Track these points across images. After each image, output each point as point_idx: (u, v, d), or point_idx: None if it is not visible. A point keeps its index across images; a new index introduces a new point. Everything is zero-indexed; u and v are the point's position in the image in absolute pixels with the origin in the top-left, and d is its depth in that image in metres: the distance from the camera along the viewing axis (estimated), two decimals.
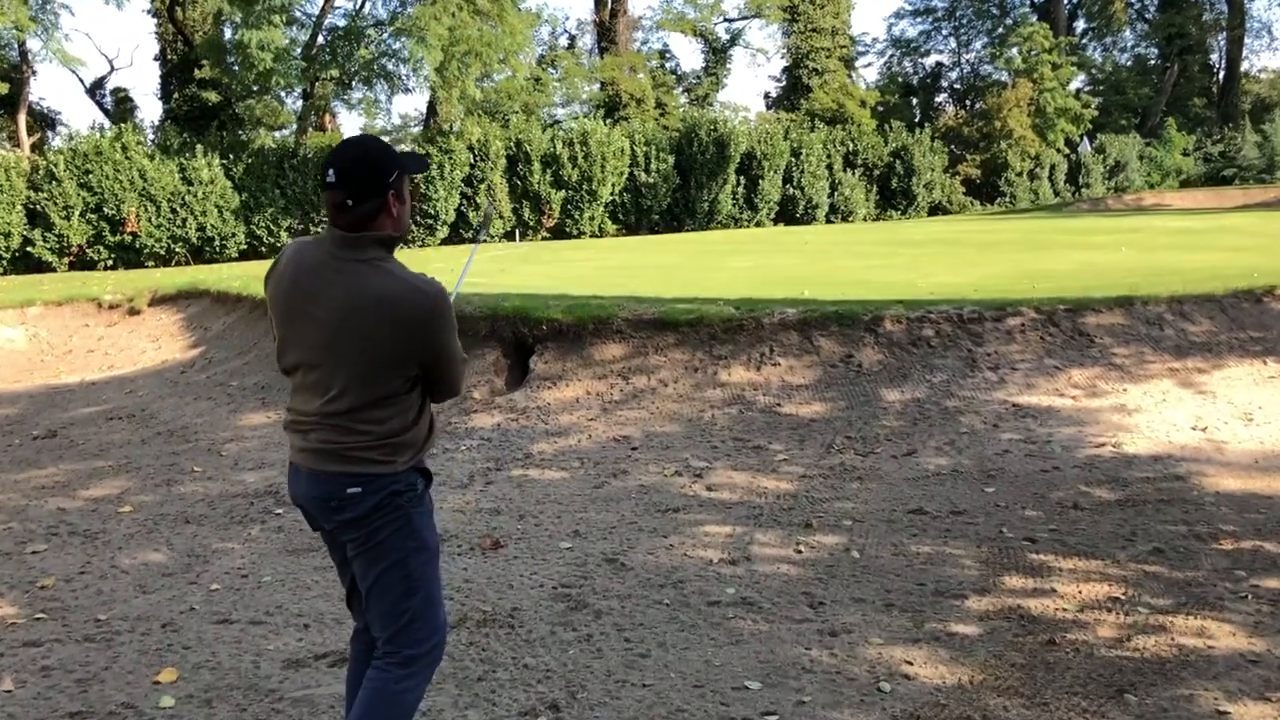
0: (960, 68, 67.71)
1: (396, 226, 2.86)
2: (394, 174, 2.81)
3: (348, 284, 2.75)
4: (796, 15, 56.22)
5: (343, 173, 2.76)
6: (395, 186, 2.81)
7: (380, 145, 2.85)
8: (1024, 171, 52.25)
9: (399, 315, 2.70)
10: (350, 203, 2.76)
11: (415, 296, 2.71)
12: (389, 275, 2.74)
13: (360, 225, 2.77)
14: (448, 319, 2.79)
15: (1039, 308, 8.60)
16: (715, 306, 8.73)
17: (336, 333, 2.76)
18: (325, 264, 2.80)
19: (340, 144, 2.86)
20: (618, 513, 6.21)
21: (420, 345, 2.75)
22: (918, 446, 7.16)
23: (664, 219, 39.77)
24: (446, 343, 2.81)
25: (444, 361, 2.84)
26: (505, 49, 37.49)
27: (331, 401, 2.80)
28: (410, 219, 3.00)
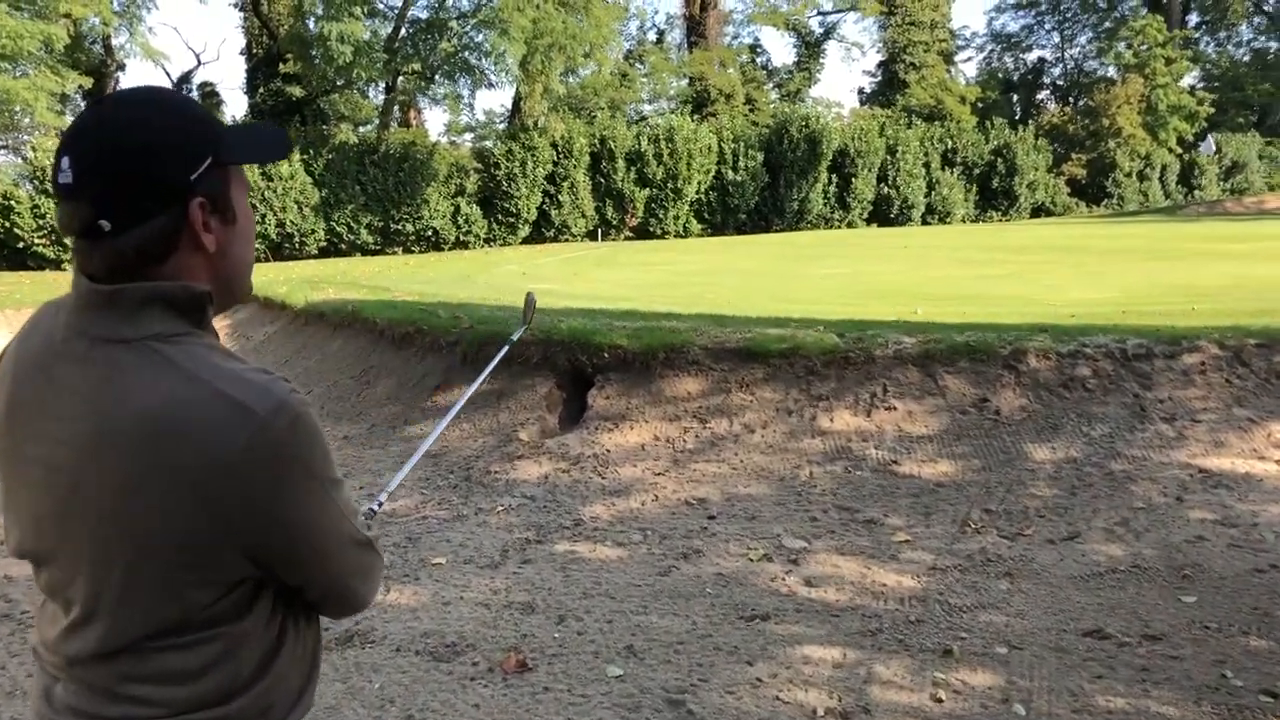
0: (1064, 63, 64.89)
1: (211, 270, 1.40)
2: (203, 163, 1.35)
3: (96, 392, 1.30)
4: (894, 8, 54.12)
5: (87, 165, 1.30)
6: (207, 189, 1.36)
7: (173, 107, 1.37)
8: (1133, 172, 49.53)
9: (194, 455, 1.26)
10: (105, 225, 1.30)
11: (230, 417, 1.27)
12: (180, 374, 1.29)
13: (129, 270, 1.33)
14: (308, 465, 1.33)
15: (1222, 342, 6.86)
16: (814, 334, 7.16)
17: (74, 493, 1.31)
18: (60, 353, 1.36)
19: (89, 108, 1.38)
20: (688, 618, 4.70)
21: (247, 517, 1.29)
22: (1081, 527, 5.51)
23: (751, 219, 38.13)
24: (310, 513, 1.34)
25: (309, 550, 1.37)
26: (590, 42, 36.21)
27: (76, 634, 1.35)
28: (250, 249, 1.48)
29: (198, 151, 1.34)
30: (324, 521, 1.37)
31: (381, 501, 2.22)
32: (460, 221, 33.24)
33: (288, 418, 1.30)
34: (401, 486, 6.63)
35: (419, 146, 33.39)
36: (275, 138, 1.49)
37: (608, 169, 35.35)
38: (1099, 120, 50.07)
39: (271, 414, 1.28)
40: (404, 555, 5.56)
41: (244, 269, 1.46)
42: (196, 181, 1.33)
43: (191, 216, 1.34)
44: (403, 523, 6.04)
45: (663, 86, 49.89)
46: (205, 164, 1.34)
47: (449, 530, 5.85)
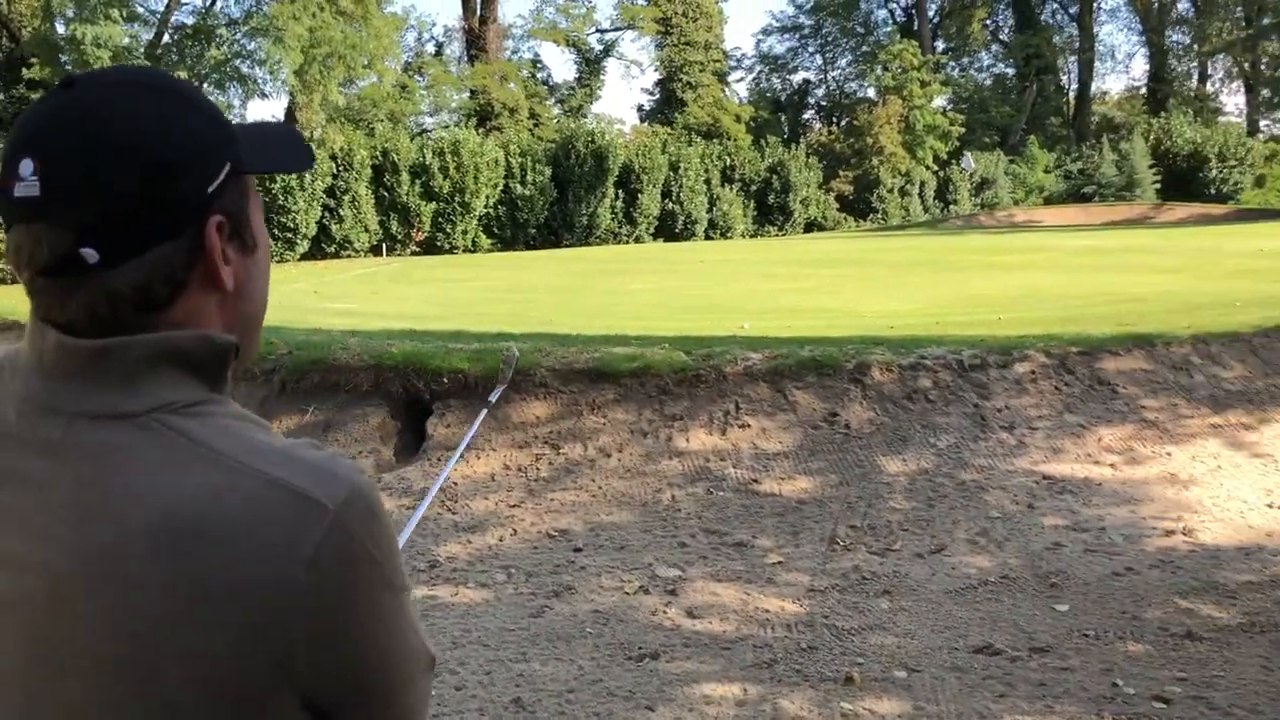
0: (827, 84, 68.11)
1: (229, 314, 1.01)
2: (221, 171, 0.96)
3: (86, 493, 0.90)
4: (670, 28, 55.24)
5: (65, 172, 0.90)
6: (226, 205, 0.97)
7: (178, 94, 0.98)
8: (895, 188, 52.39)
9: (248, 570, 0.88)
10: (92, 256, 0.90)
11: (293, 514, 0.89)
12: (213, 459, 0.91)
13: (122, 318, 0.94)
14: (386, 571, 0.95)
15: (1048, 351, 7.15)
16: (662, 352, 6.99)
17: (50, 643, 0.91)
18: (20, 439, 0.95)
19: (56, 92, 0.95)
20: (573, 662, 4.40)
21: (317, 650, 0.90)
22: (945, 540, 5.56)
23: (541, 233, 37.89)
24: (389, 636, 0.97)
25: (384, 685, 0.98)
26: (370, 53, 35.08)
27: None
28: (268, 287, 1.08)
29: (216, 155, 0.96)
30: (402, 646, 1.00)
31: None
32: None
33: (363, 509, 0.93)
34: None
35: None
36: (297, 141, 1.11)
37: (391, 182, 34.28)
38: (863, 139, 52.70)
39: (344, 507, 0.91)
40: None
41: (262, 311, 1.07)
42: (213, 196, 0.95)
43: (209, 242, 0.95)
44: None
45: (444, 99, 49.02)
46: (224, 172, 0.96)
47: None
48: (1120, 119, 64.22)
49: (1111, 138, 55.70)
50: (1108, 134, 57.53)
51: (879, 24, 66.83)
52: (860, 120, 54.06)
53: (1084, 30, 63.81)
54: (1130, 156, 51.39)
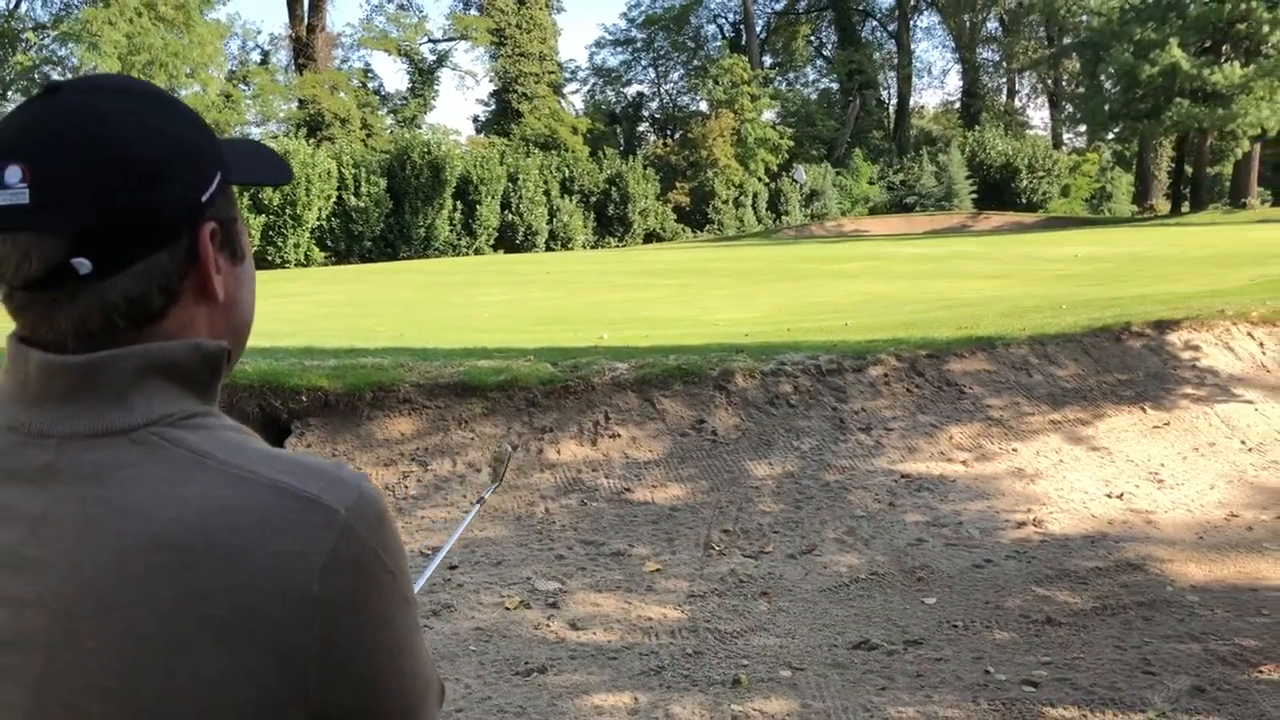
0: (660, 97, 69.20)
1: (220, 325, 0.97)
2: (214, 179, 0.93)
3: (85, 517, 0.85)
4: (504, 39, 55.06)
5: (58, 176, 0.85)
6: (218, 211, 0.94)
7: (166, 101, 0.95)
8: (729, 199, 53.58)
9: (260, 578, 0.83)
10: (84, 265, 0.86)
11: (305, 519, 0.86)
12: (216, 468, 0.87)
13: (112, 332, 0.89)
14: (398, 581, 0.91)
15: (898, 354, 7.44)
16: (528, 364, 6.94)
17: (54, 675, 0.84)
18: (18, 471, 0.88)
19: (41, 97, 0.90)
20: (459, 681, 4.32)
21: (330, 664, 0.86)
22: (815, 540, 5.71)
23: (377, 246, 37.12)
24: (401, 652, 0.93)
25: (394, 704, 0.93)
26: (193, 61, 33.74)
27: None
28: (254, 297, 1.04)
29: (209, 164, 0.93)
30: (415, 664, 0.95)
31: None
32: None
33: (373, 515, 0.89)
34: None
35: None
36: (271, 155, 1.08)
37: None
38: (697, 151, 53.72)
39: (355, 513, 0.87)
40: None
41: (250, 323, 1.04)
42: (206, 204, 0.92)
43: (202, 250, 0.91)
44: None
45: (271, 109, 47.47)
46: (216, 180, 0.93)
47: None
48: (938, 132, 67.56)
49: (930, 150, 58.47)
50: (926, 146, 60.37)
51: (709, 39, 68.45)
52: (694, 133, 55.08)
53: (902, 47, 66.84)
54: (948, 168, 54.06)
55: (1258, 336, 8.39)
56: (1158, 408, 7.30)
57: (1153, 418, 7.19)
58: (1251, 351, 8.23)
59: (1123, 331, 8.02)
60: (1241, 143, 38.12)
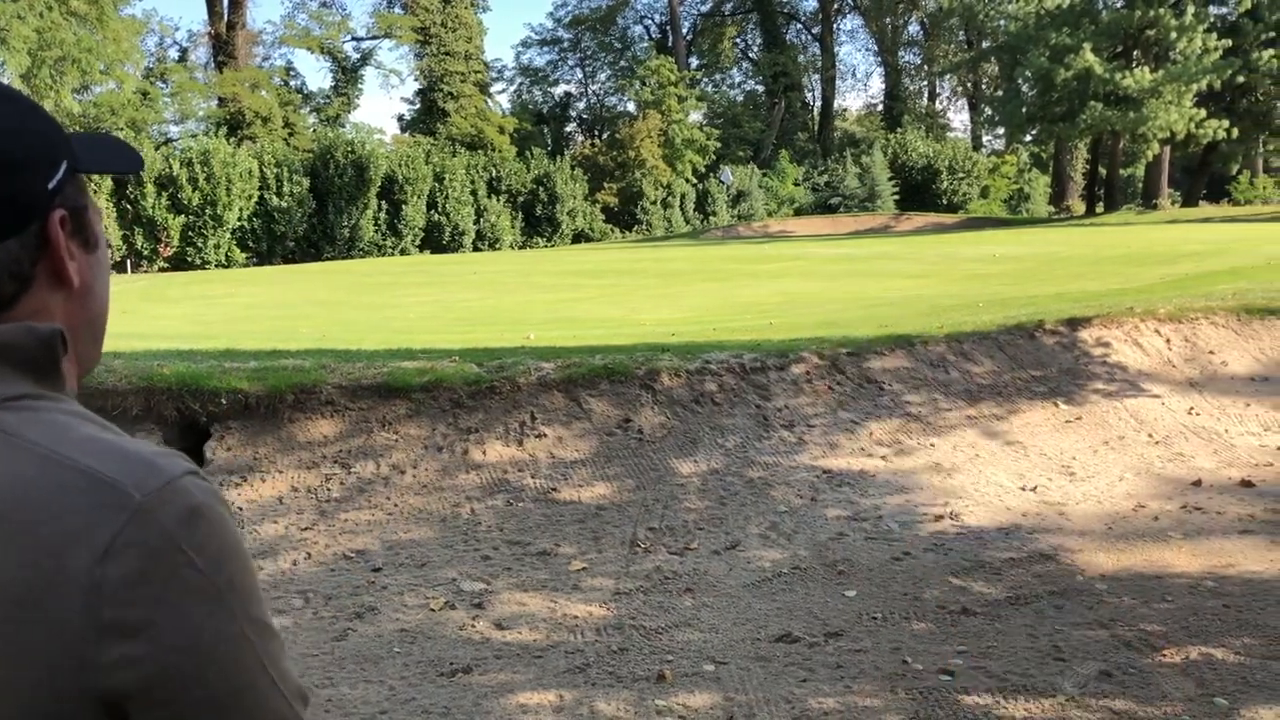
0: (588, 98, 69.21)
1: (75, 313, 0.99)
2: (60, 168, 0.96)
3: None
4: (429, 38, 54.54)
5: None
6: (66, 199, 0.97)
7: (17, 98, 0.98)
8: (657, 200, 53.73)
9: (43, 557, 0.83)
10: None
11: (94, 500, 0.84)
12: (27, 451, 0.86)
13: None
14: (213, 581, 0.86)
15: (820, 353, 7.56)
16: (452, 364, 6.91)
17: None
18: None
19: None
20: (383, 683, 4.30)
21: (115, 652, 0.82)
22: (738, 535, 5.78)
23: (300, 246, 36.58)
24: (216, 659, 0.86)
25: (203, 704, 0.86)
26: (108, 57, 32.90)
27: None
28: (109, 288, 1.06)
29: (53, 153, 0.96)
30: (237, 677, 0.87)
31: None
32: None
33: (181, 507, 0.86)
34: None
35: None
36: (125, 147, 1.11)
37: (135, 194, 32.25)
38: (625, 152, 53.80)
39: (156, 498, 0.85)
40: None
41: (105, 312, 1.05)
42: (54, 191, 0.94)
43: (53, 237, 0.94)
44: None
45: (190, 107, 46.48)
46: (63, 169, 0.96)
47: None
48: (861, 134, 68.57)
49: (853, 152, 59.26)
50: (850, 149, 61.19)
51: (636, 39, 68.63)
52: (622, 133, 55.15)
53: (826, 50, 67.73)
54: (871, 170, 54.86)
55: (1164, 333, 8.68)
56: (1070, 403, 7.52)
57: (1065, 412, 7.40)
58: (1159, 348, 8.52)
59: (1037, 329, 8.24)
60: (1152, 145, 39.28)
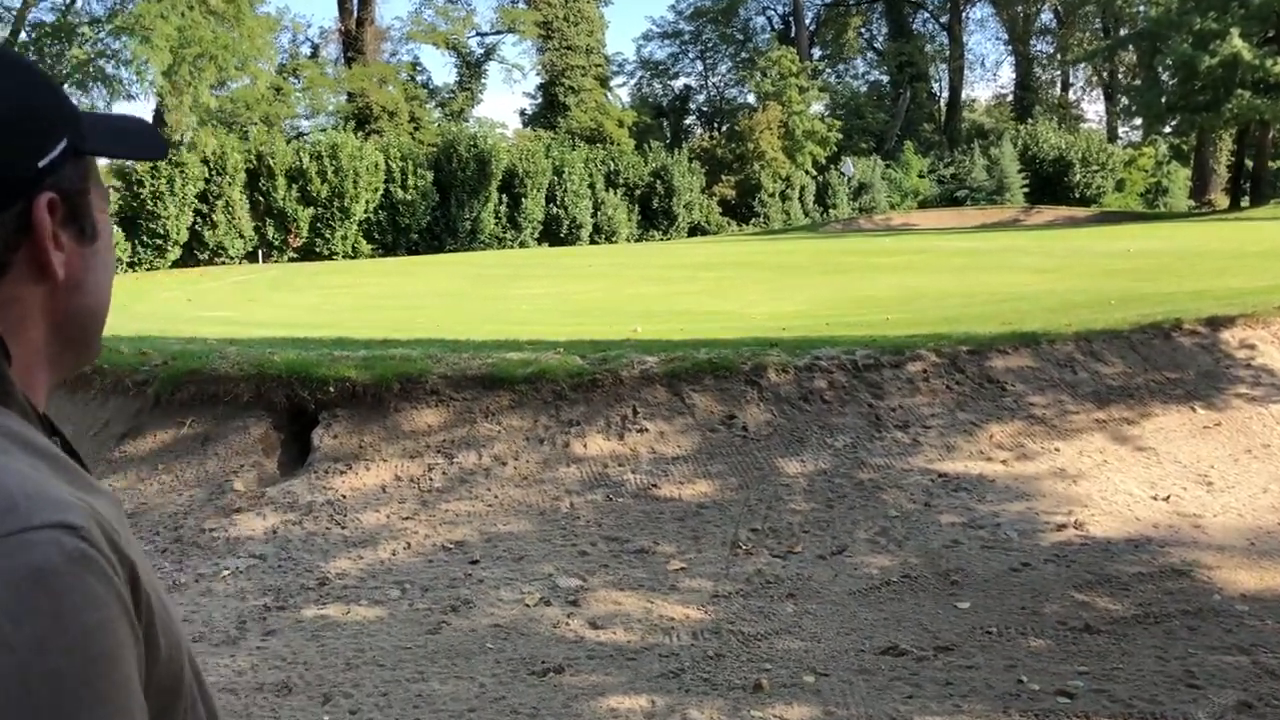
0: (708, 90, 68.81)
1: (56, 308, 0.87)
2: (55, 146, 0.83)
3: None
4: (551, 32, 54.98)
5: None
6: (60, 184, 0.84)
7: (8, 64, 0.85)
8: (776, 192, 53.18)
9: None
10: None
11: None
12: None
13: None
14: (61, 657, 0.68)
15: (938, 350, 7.24)
16: (557, 356, 6.84)
17: None
18: None
19: None
20: (473, 680, 4.22)
21: None
22: (846, 540, 5.55)
23: (423, 238, 37.28)
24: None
25: None
26: (243, 54, 33.98)
27: None
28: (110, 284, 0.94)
29: (48, 128, 0.84)
30: None
31: None
32: None
33: (18, 565, 0.69)
34: None
35: None
36: (145, 130, 0.99)
37: (267, 187, 33.31)
38: (744, 144, 53.37)
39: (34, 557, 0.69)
40: None
41: (102, 312, 0.94)
42: (45, 171, 0.83)
43: (37, 221, 0.82)
44: None
45: (321, 102, 47.79)
46: (59, 147, 0.84)
47: None
48: (989, 125, 66.56)
49: (982, 143, 57.59)
50: (978, 140, 59.47)
51: (757, 31, 67.97)
52: (741, 125, 54.75)
53: (954, 39, 65.88)
54: (1000, 161, 53.22)
55: None
56: (1209, 407, 7.03)
57: (1203, 418, 6.93)
58: None
59: (1173, 328, 7.74)
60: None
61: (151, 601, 0.81)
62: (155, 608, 0.81)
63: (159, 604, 0.83)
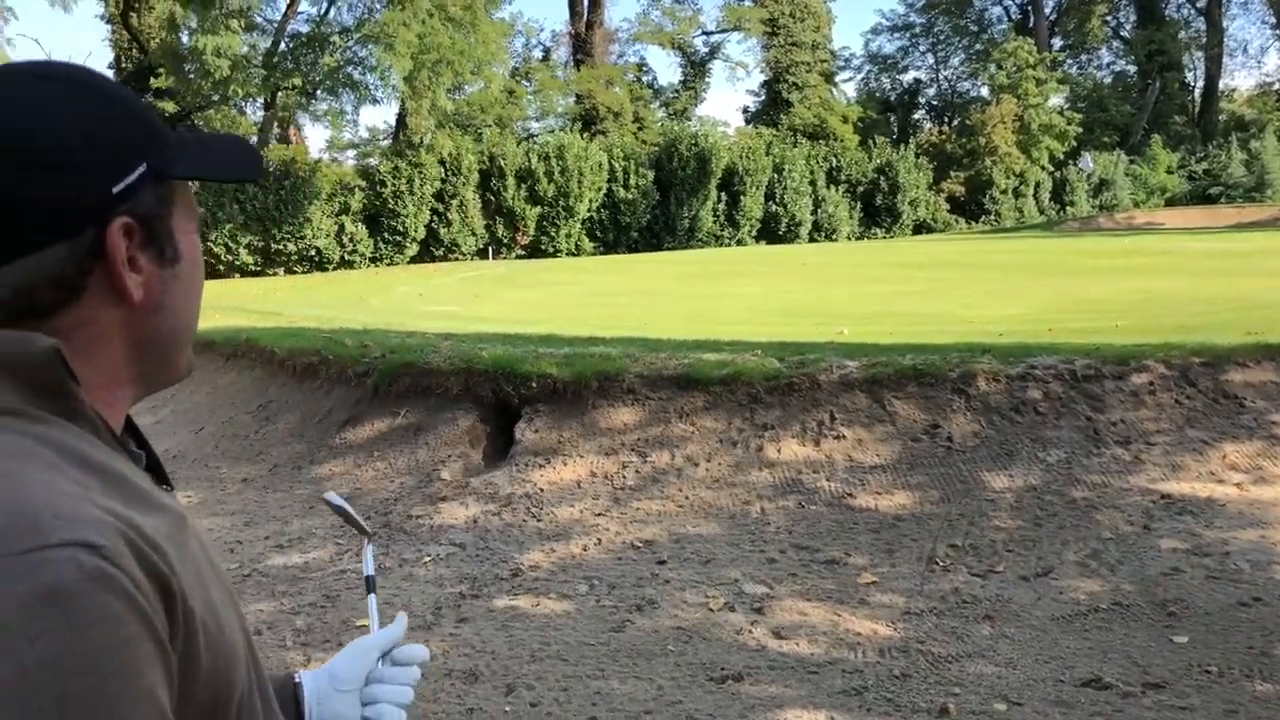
0: (938, 84, 66.64)
1: (134, 330, 0.90)
2: (132, 172, 0.85)
3: None
4: (776, 29, 54.73)
5: None
6: (136, 209, 0.86)
7: (93, 88, 0.89)
8: (1009, 189, 51.05)
9: None
10: None
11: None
12: None
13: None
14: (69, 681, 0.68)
15: (1168, 361, 6.71)
16: (753, 358, 6.77)
17: None
18: None
19: None
20: (652, 681, 4.23)
21: None
22: (1053, 561, 5.22)
23: (643, 236, 37.94)
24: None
25: None
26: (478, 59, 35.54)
27: None
28: (196, 304, 0.97)
29: (126, 154, 0.87)
30: None
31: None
32: (345, 241, 32.14)
33: (35, 582, 0.70)
34: (313, 535, 6.01)
35: (300, 164, 32.17)
36: (240, 151, 1.01)
37: (498, 186, 34.74)
38: (975, 139, 51.45)
39: (11, 562, 0.70)
40: (322, 617, 4.96)
41: (184, 332, 0.96)
42: (121, 196, 0.85)
43: (110, 247, 0.85)
44: (317, 578, 5.42)
45: (550, 104, 49.43)
46: (137, 173, 0.86)
47: None
48: (1251, 116, 61.38)
49: (1241, 136, 53.30)
50: (1237, 132, 55.05)
51: (993, 21, 65.26)
52: (973, 120, 52.84)
53: (1212, 25, 61.11)
54: (1261, 156, 49.11)
55: None
56: None
57: None
58: None
59: None
60: None
61: (194, 620, 0.82)
62: (199, 626, 0.82)
63: (209, 621, 0.85)
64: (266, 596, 5.23)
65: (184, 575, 0.82)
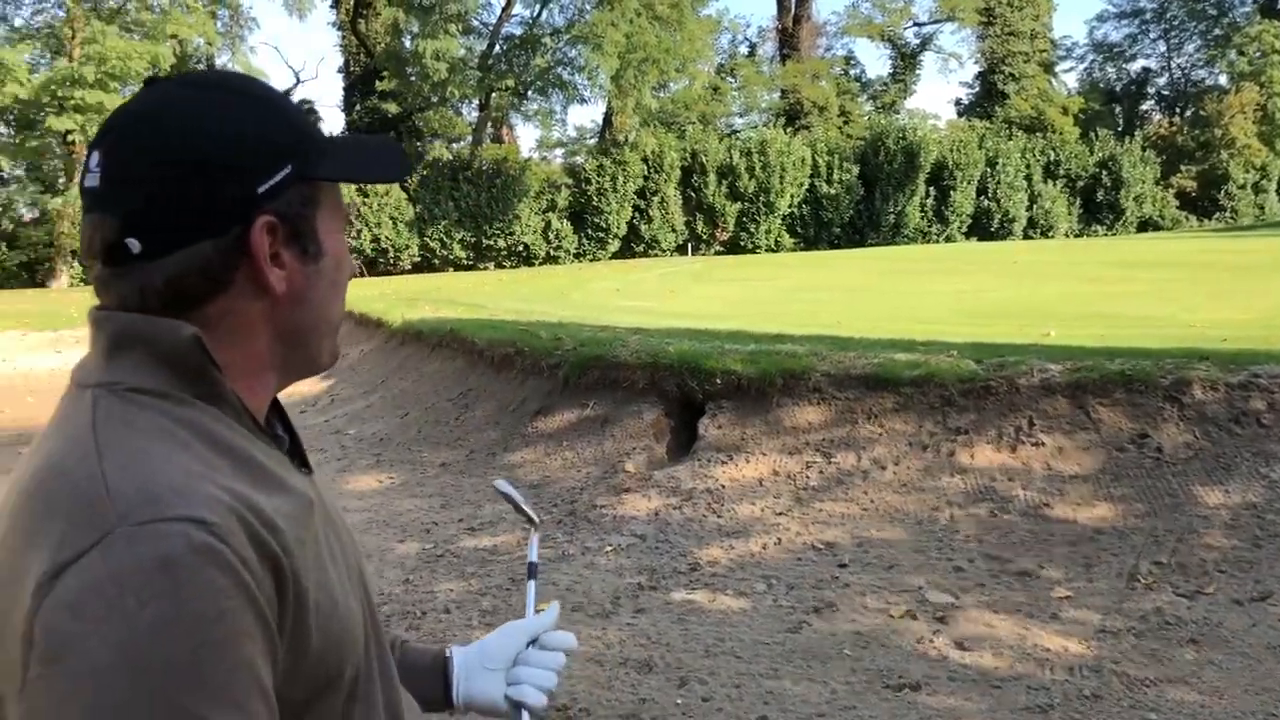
0: (1170, 72, 62.48)
1: (277, 321, 0.96)
2: (278, 173, 0.91)
3: (33, 453, 0.91)
4: (993, 18, 52.72)
5: (119, 163, 0.90)
6: (280, 208, 0.92)
7: (246, 95, 0.96)
8: (1247, 184, 47.58)
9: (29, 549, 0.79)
10: (134, 246, 0.88)
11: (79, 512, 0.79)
12: (80, 437, 0.85)
13: (152, 313, 0.91)
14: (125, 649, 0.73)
15: None
16: (948, 359, 6.54)
17: None
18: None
19: (144, 84, 0.96)
20: (826, 684, 4.16)
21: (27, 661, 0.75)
22: (1272, 586, 4.82)
23: (845, 232, 37.34)
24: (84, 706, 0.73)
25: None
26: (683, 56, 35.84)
27: None
28: (339, 300, 1.03)
29: (272, 156, 0.93)
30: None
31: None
32: (551, 237, 33.10)
33: (149, 552, 0.76)
34: (503, 520, 6.21)
35: (511, 162, 33.35)
36: (388, 152, 1.07)
37: (699, 183, 34.94)
38: (1210, 131, 48.12)
39: (129, 533, 0.76)
40: (506, 599, 5.12)
41: (326, 325, 1.02)
42: (266, 196, 0.92)
43: (254, 243, 0.92)
44: (505, 561, 5.61)
45: (754, 100, 49.31)
46: (281, 174, 0.93)
47: (555, 572, 5.39)
48: None
49: None
50: None
51: (1235, 4, 60.64)
52: (1208, 110, 49.41)
53: None
54: None
55: None
56: None
57: None
58: None
59: None
60: None
61: (306, 598, 0.87)
62: (311, 605, 0.87)
63: (322, 601, 0.89)
64: (456, 577, 5.45)
65: (299, 556, 0.87)
